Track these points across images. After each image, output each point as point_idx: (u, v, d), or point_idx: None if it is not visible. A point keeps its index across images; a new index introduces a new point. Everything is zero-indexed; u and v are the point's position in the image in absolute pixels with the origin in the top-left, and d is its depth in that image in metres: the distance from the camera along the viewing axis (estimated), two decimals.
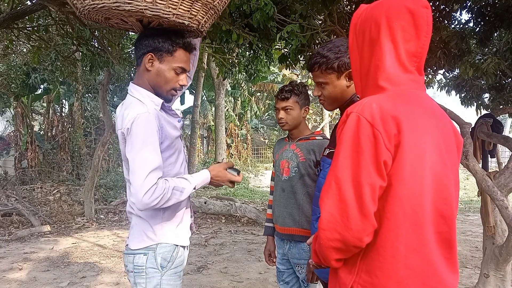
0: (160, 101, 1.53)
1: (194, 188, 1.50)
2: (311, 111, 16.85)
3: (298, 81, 2.16)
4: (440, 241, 1.05)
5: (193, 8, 1.44)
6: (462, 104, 5.15)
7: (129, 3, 1.34)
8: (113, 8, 1.34)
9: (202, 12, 1.48)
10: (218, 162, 1.67)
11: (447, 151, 1.07)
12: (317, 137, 2.10)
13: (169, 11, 1.38)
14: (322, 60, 1.53)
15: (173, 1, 1.38)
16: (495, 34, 3.58)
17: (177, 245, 1.57)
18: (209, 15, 1.53)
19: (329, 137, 2.13)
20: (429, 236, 1.03)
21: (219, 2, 1.52)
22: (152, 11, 1.36)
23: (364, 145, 0.98)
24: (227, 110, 17.09)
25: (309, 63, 1.59)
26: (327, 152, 1.66)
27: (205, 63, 10.04)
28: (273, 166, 2.30)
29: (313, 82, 1.84)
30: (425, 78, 4.78)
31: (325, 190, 1.04)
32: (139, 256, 1.52)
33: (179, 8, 1.40)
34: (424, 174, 1.01)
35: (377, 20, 1.08)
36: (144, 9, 1.35)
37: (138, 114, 1.42)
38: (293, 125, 2.10)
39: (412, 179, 0.99)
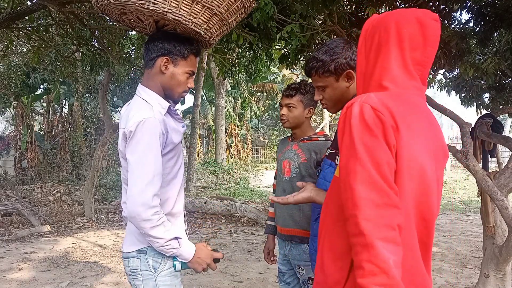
0: (167, 104, 1.55)
1: (177, 241, 1.48)
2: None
3: (298, 81, 2.15)
4: (422, 243, 1.07)
5: (211, 20, 1.49)
6: (462, 104, 5.15)
7: (154, 4, 1.35)
8: (137, 5, 1.36)
9: (217, 26, 1.53)
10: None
11: (435, 157, 1.10)
12: (319, 138, 2.09)
13: (190, 19, 1.42)
14: (318, 64, 1.52)
15: (196, 11, 1.42)
16: (495, 34, 3.58)
17: None
18: (221, 30, 1.59)
19: (332, 138, 2.14)
20: (415, 235, 1.05)
21: (233, 20, 1.58)
22: (174, 16, 1.39)
23: (374, 127, 0.99)
24: (227, 110, 17.09)
25: (306, 68, 1.59)
26: (328, 152, 1.66)
27: (205, 63, 10.04)
28: (276, 165, 2.30)
29: None
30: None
31: (353, 179, 0.98)
32: (133, 259, 1.54)
33: (200, 18, 1.44)
34: (414, 174, 1.02)
35: (387, 26, 1.12)
36: (168, 12, 1.37)
37: (144, 118, 1.42)
38: (293, 123, 2.09)
39: (405, 178, 1.01)
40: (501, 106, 4.56)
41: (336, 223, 1.11)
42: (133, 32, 7.00)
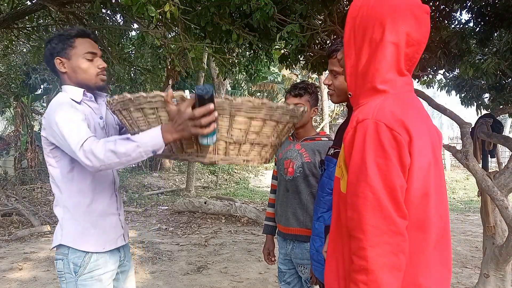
0: (81, 90, 1.57)
1: (128, 140, 1.30)
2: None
3: (298, 80, 2.14)
4: (439, 239, 1.08)
5: (262, 150, 1.38)
6: (462, 104, 5.15)
7: (203, 157, 1.30)
8: (193, 159, 1.34)
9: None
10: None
11: (437, 149, 1.10)
12: (322, 138, 2.10)
13: (240, 158, 1.33)
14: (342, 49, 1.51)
15: (244, 150, 1.33)
16: (495, 34, 3.58)
17: (86, 252, 1.55)
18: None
19: (333, 137, 2.14)
20: (431, 238, 1.05)
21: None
22: (223, 161, 1.32)
23: (389, 149, 0.97)
24: None
25: (330, 49, 1.57)
26: (332, 151, 1.66)
27: (205, 63, 10.04)
28: (275, 165, 2.29)
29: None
30: (425, 78, 4.78)
31: (362, 204, 0.99)
32: (59, 261, 1.57)
33: (249, 154, 1.36)
34: (426, 182, 1.02)
35: (382, 21, 1.04)
36: (217, 160, 1.31)
37: (52, 102, 1.50)
38: (301, 122, 2.08)
39: (417, 188, 1.01)
40: (501, 106, 4.56)
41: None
42: (133, 32, 7.00)
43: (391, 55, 1.04)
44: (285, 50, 3.66)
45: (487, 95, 4.98)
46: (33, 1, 4.38)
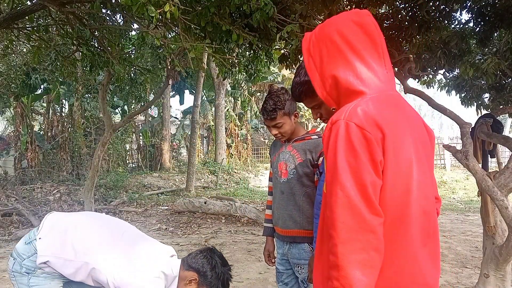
0: None
1: None
2: (310, 111, 16.82)
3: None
4: (425, 237, 1.09)
5: None
6: (462, 104, 5.15)
7: None
8: None
9: None
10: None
11: (422, 148, 1.13)
12: (312, 137, 2.09)
13: None
14: (304, 88, 1.51)
15: None
16: (495, 34, 3.58)
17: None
18: None
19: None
20: (415, 234, 1.07)
21: None
22: None
23: (359, 148, 1.01)
24: (227, 110, 17.08)
25: (294, 95, 1.58)
26: None
27: (205, 63, 10.04)
28: (271, 167, 2.30)
29: None
30: (425, 78, 4.78)
31: (334, 202, 1.02)
32: (11, 259, 1.95)
33: None
34: (407, 178, 1.05)
35: (331, 38, 1.14)
36: None
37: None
38: (289, 134, 2.08)
39: (396, 184, 1.03)
40: (501, 106, 4.56)
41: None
42: (133, 32, 7.00)
43: (356, 59, 1.11)
44: (285, 50, 3.67)
45: (487, 95, 4.98)
46: (33, 1, 4.39)
